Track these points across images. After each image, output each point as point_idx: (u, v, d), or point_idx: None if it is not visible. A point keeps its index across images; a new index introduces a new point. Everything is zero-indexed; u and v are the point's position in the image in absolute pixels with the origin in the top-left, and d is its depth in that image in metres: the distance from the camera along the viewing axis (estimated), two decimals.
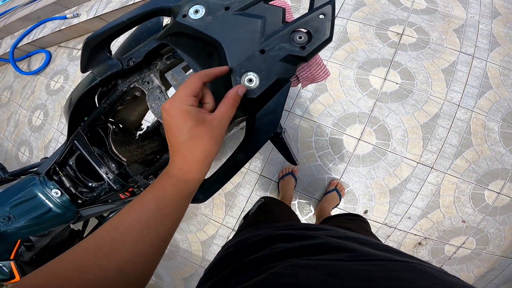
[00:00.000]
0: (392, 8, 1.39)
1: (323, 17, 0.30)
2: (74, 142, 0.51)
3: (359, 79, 1.24)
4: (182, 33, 0.34)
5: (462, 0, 1.49)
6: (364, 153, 1.18)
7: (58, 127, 1.81)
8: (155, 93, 0.43)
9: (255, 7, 0.31)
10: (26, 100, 2.06)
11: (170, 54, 0.44)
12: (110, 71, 0.41)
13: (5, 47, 2.23)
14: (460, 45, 1.34)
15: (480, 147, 1.18)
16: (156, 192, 0.26)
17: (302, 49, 0.30)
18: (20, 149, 1.93)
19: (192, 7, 0.32)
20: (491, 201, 1.16)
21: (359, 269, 0.25)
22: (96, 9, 1.84)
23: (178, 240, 1.42)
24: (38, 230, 0.58)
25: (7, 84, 2.26)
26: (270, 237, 0.37)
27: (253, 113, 0.32)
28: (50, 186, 0.53)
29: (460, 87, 1.23)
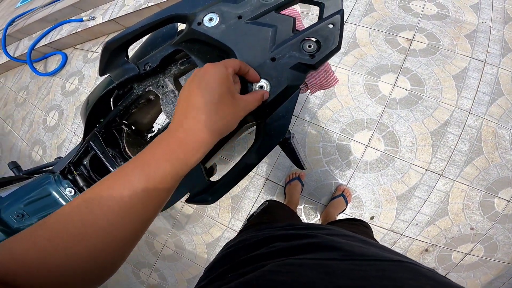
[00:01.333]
0: (402, 14, 1.38)
1: (332, 27, 0.30)
2: (89, 143, 0.52)
3: (368, 85, 1.24)
4: (197, 40, 0.35)
5: (474, 5, 1.47)
6: (372, 159, 1.18)
7: (71, 128, 1.86)
8: (169, 97, 0.45)
9: (266, 16, 0.32)
10: (41, 100, 2.12)
11: (184, 60, 0.45)
12: (127, 75, 0.42)
13: (22, 48, 2.30)
14: (472, 51, 1.32)
15: (491, 154, 1.17)
16: (147, 170, 0.22)
17: (311, 57, 0.31)
18: (34, 148, 1.99)
19: (206, 15, 0.33)
20: (500, 209, 1.15)
21: (354, 269, 0.25)
22: (111, 12, 1.89)
23: (184, 242, 1.44)
24: None
25: (23, 84, 2.34)
26: (270, 237, 0.37)
27: (263, 118, 0.33)
28: (64, 185, 0.55)
29: (471, 94, 1.22)
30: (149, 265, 1.52)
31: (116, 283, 1.60)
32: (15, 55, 2.28)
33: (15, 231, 0.54)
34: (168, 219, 1.46)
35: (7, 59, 2.31)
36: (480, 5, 1.51)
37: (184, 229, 1.43)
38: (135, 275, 1.55)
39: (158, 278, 1.50)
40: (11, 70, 2.56)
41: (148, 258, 1.52)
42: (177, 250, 1.45)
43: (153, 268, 1.50)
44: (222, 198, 1.55)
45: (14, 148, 2.12)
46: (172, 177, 0.23)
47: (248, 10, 0.32)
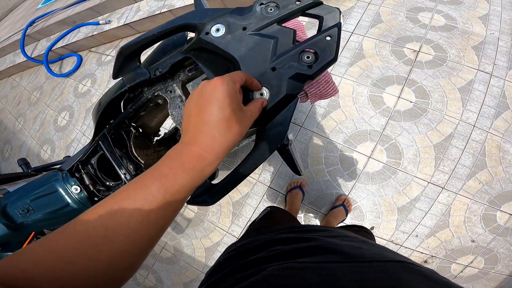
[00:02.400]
0: (409, 25, 1.38)
1: (330, 39, 0.32)
2: (99, 143, 0.55)
3: (372, 97, 1.25)
4: (204, 49, 0.37)
5: (482, 17, 1.46)
6: (374, 170, 1.19)
7: (81, 129, 1.91)
8: (176, 102, 0.47)
9: (269, 28, 0.34)
10: (54, 100, 2.18)
11: (192, 67, 0.47)
12: (138, 79, 0.45)
13: (40, 49, 2.37)
14: (479, 62, 1.32)
15: (494, 169, 1.17)
16: (165, 181, 0.23)
17: (309, 68, 0.32)
18: (43, 147, 2.04)
19: (214, 25, 0.36)
20: (503, 222, 1.14)
21: (356, 271, 0.25)
22: (126, 16, 1.94)
23: (183, 245, 1.45)
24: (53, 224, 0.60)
25: (38, 84, 2.40)
26: (270, 241, 0.38)
27: (262, 125, 0.35)
28: (71, 183, 0.57)
29: (476, 107, 1.22)
30: (146, 267, 1.53)
31: None
32: (33, 56, 2.36)
33: (19, 225, 0.55)
34: None
35: (24, 59, 2.39)
36: (488, 16, 1.50)
37: (184, 233, 1.45)
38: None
39: (154, 280, 1.51)
40: (27, 70, 2.64)
41: (146, 260, 1.51)
42: (175, 253, 1.46)
43: (151, 270, 1.52)
44: (223, 204, 1.57)
45: (24, 146, 2.18)
46: (188, 188, 0.25)
47: (252, 22, 0.34)
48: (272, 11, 0.34)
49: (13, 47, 2.62)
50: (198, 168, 0.25)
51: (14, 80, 2.70)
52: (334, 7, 0.34)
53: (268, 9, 0.34)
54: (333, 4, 1.57)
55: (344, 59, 1.37)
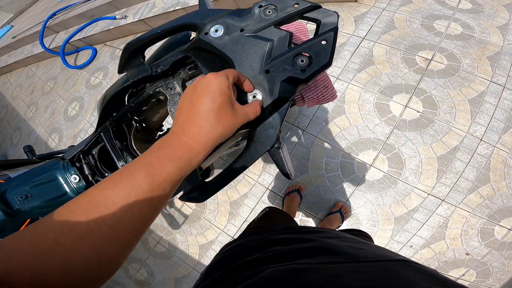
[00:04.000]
0: (424, 33, 1.34)
1: (325, 43, 0.32)
2: (100, 134, 0.56)
3: (378, 104, 1.23)
4: (203, 48, 0.38)
5: (502, 26, 1.40)
6: (374, 179, 1.19)
7: (89, 119, 1.97)
8: (175, 99, 0.48)
9: (266, 30, 0.34)
10: (66, 91, 2.24)
11: (192, 65, 0.48)
12: (141, 75, 0.46)
13: (58, 40, 2.44)
14: (492, 74, 1.28)
15: (498, 184, 1.15)
16: (152, 170, 0.23)
17: (302, 71, 0.32)
18: (51, 135, 2.11)
19: (213, 26, 0.36)
20: (500, 237, 1.13)
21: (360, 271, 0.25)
22: (142, 12, 1.97)
23: (178, 241, 1.46)
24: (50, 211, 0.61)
25: (52, 75, 2.47)
26: (267, 241, 0.38)
27: (254, 127, 0.35)
28: (71, 172, 0.57)
29: (485, 120, 1.19)
30: (139, 260, 1.54)
31: None
32: (50, 47, 2.43)
33: (16, 212, 0.54)
34: (166, 216, 1.51)
35: (42, 50, 2.46)
36: (508, 26, 1.44)
37: (180, 229, 1.47)
38: (123, 269, 1.57)
39: (146, 274, 1.52)
40: (43, 61, 2.71)
41: (140, 254, 1.54)
42: (169, 248, 1.47)
43: (143, 264, 1.53)
44: (221, 202, 1.60)
45: (33, 133, 2.26)
46: (175, 177, 0.24)
47: (250, 24, 0.35)
48: (270, 13, 0.34)
49: (32, 38, 2.69)
50: (186, 158, 0.24)
51: (31, 70, 2.77)
52: (332, 11, 0.33)
53: (266, 11, 0.35)
54: (348, 9, 1.53)
55: (352, 65, 1.35)
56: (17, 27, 3.17)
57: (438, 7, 1.52)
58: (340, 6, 1.57)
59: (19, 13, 3.63)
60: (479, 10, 1.50)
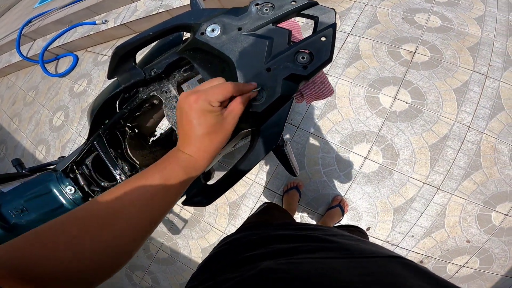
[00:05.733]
0: (406, 26, 1.39)
1: (325, 40, 0.32)
2: (93, 143, 0.54)
3: (368, 98, 1.25)
4: (199, 49, 0.37)
5: (478, 18, 1.47)
6: (370, 171, 1.20)
7: (76, 129, 1.90)
8: (171, 102, 0.47)
9: (264, 28, 0.34)
10: (49, 101, 2.16)
11: (187, 67, 0.46)
12: (133, 79, 0.45)
13: (36, 48, 2.35)
14: (474, 64, 1.33)
15: (489, 169, 1.18)
16: (165, 173, 0.27)
17: (304, 68, 0.32)
18: (38, 147, 2.03)
19: (209, 26, 0.35)
20: (497, 223, 1.15)
21: (355, 266, 0.25)
22: (123, 17, 1.93)
23: (180, 246, 1.45)
24: None
25: (33, 84, 2.38)
26: (266, 237, 0.38)
27: (257, 126, 0.34)
28: (65, 183, 0.56)
29: (471, 108, 1.22)
30: (142, 267, 1.52)
31: (108, 285, 1.63)
32: (28, 55, 2.34)
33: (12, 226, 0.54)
34: (165, 222, 1.48)
35: (20, 59, 2.37)
36: (484, 18, 1.51)
37: (180, 233, 1.45)
38: (128, 277, 1.55)
39: (151, 281, 1.51)
40: (22, 70, 2.61)
41: (143, 261, 1.53)
42: (172, 254, 1.46)
43: (147, 271, 1.51)
44: (219, 204, 1.56)
45: (19, 146, 2.16)
46: (184, 180, 0.28)
47: (247, 22, 0.34)
48: (267, 11, 0.34)
49: (9, 46, 2.59)
50: (191, 166, 0.29)
51: (10, 80, 2.67)
52: (329, 8, 0.33)
53: (263, 9, 0.34)
54: (331, 5, 1.57)
55: (340, 60, 1.37)
56: None
57: (417, 1, 1.58)
58: (324, 2, 1.60)
59: None
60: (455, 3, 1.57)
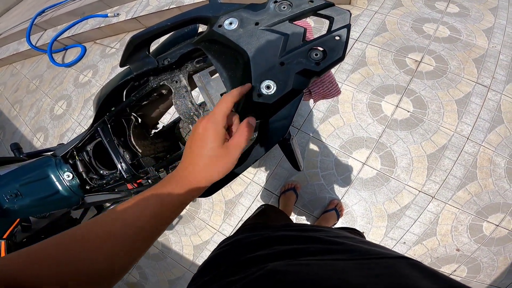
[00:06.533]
0: (413, 35, 1.39)
1: (339, 39, 0.33)
2: (97, 129, 0.54)
3: (371, 104, 1.27)
4: (215, 41, 0.38)
5: (487, 30, 1.47)
6: (368, 177, 1.22)
7: (77, 118, 1.91)
8: (181, 92, 0.48)
9: (280, 25, 0.35)
10: (53, 89, 2.17)
11: (200, 59, 0.47)
12: (146, 67, 0.45)
13: (45, 38, 2.36)
14: (478, 75, 1.33)
15: (484, 181, 1.20)
16: (162, 197, 0.28)
17: (317, 64, 0.33)
18: (36, 134, 2.04)
19: (227, 19, 0.36)
20: (488, 232, 1.17)
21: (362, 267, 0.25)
22: (135, 11, 1.94)
23: (171, 242, 1.43)
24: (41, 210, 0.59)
25: (38, 73, 2.38)
26: (268, 238, 0.38)
27: (266, 118, 0.35)
28: (63, 169, 0.55)
29: (471, 120, 1.24)
30: None
31: None
32: (37, 45, 2.35)
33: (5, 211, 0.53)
34: None
35: (28, 48, 2.37)
36: (493, 29, 1.51)
37: (173, 229, 1.44)
38: None
39: (139, 276, 1.49)
40: (29, 59, 2.61)
41: None
42: (163, 249, 1.44)
43: (135, 265, 1.49)
44: (215, 202, 1.58)
45: (17, 132, 2.17)
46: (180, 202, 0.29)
47: (265, 18, 0.35)
48: (285, 9, 0.35)
49: (19, 35, 2.60)
50: (189, 192, 0.29)
51: (15, 68, 2.67)
52: (345, 9, 0.34)
53: (281, 6, 0.35)
54: None
55: (346, 66, 1.38)
56: (3, 25, 3.07)
57: (428, 11, 1.58)
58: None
59: (5, 10, 3.53)
60: (466, 14, 1.56)
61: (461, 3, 1.65)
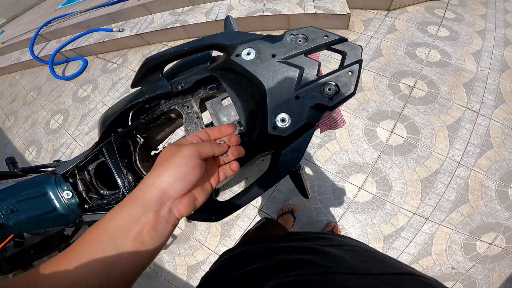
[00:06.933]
0: (407, 60, 1.44)
1: (351, 74, 0.34)
2: (102, 150, 0.54)
3: (367, 130, 1.31)
4: (231, 70, 0.38)
5: (475, 53, 1.53)
6: (364, 201, 1.25)
7: (73, 134, 1.88)
8: (193, 118, 0.48)
9: (296, 58, 0.36)
10: (50, 102, 2.15)
11: (213, 85, 0.48)
12: (159, 90, 0.45)
13: (48, 49, 2.35)
14: (467, 100, 1.39)
15: (476, 203, 1.24)
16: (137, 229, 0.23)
17: (330, 99, 0.34)
18: (29, 148, 2.00)
19: (245, 49, 0.37)
20: (482, 251, 1.19)
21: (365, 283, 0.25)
22: (140, 27, 1.96)
23: (165, 261, 1.41)
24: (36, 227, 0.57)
25: (37, 84, 2.36)
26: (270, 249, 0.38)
27: (279, 149, 0.36)
28: (63, 187, 0.54)
29: (462, 145, 1.29)
30: None
31: None
32: (40, 55, 2.34)
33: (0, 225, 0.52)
34: None
35: (29, 58, 2.36)
36: (481, 53, 1.58)
37: (167, 249, 1.43)
38: None
39: None
40: (29, 69, 2.60)
41: None
42: (155, 268, 1.41)
43: None
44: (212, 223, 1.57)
45: (9, 144, 2.13)
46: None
47: (281, 50, 0.36)
48: (301, 42, 0.36)
49: (22, 44, 2.59)
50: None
51: (14, 78, 2.65)
52: (357, 45, 0.35)
53: (297, 40, 0.36)
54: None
55: None
56: (8, 32, 3.05)
57: (420, 35, 1.64)
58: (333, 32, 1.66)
59: (13, 18, 3.50)
60: (456, 37, 1.63)
61: (451, 26, 1.72)
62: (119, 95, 1.91)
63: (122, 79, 1.99)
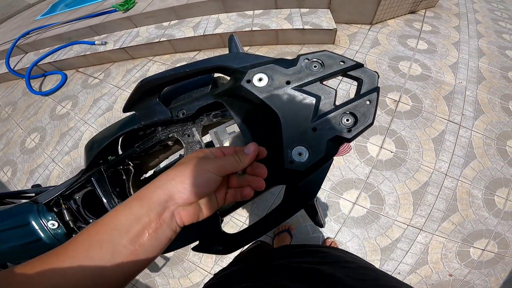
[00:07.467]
0: (391, 74, 1.50)
1: (369, 103, 0.32)
2: (91, 179, 0.50)
3: (358, 146, 1.34)
4: (239, 96, 0.35)
5: (452, 65, 1.62)
6: (359, 215, 1.27)
7: (51, 154, 1.76)
8: (194, 148, 0.44)
9: (312, 85, 0.33)
10: (26, 120, 2.01)
11: (218, 112, 0.43)
12: (157, 117, 0.41)
13: (25, 62, 2.21)
14: (449, 113, 1.46)
15: (465, 212, 1.28)
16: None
17: (348, 131, 0.32)
18: (3, 168, 1.86)
19: (256, 74, 0.34)
20: (476, 257, 1.22)
21: None
22: (124, 40, 1.89)
23: (158, 284, 1.35)
24: (18, 257, 0.55)
25: (12, 100, 2.21)
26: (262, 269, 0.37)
27: (295, 183, 0.34)
28: (47, 217, 0.52)
29: (447, 157, 1.34)
30: None
31: None
32: (16, 68, 2.19)
33: None
34: None
35: (5, 71, 2.21)
36: (457, 65, 1.67)
37: (160, 271, 1.36)
38: None
39: None
40: (4, 83, 2.43)
41: None
42: None
43: None
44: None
45: None
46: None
47: (296, 76, 0.34)
48: (316, 68, 0.34)
49: None
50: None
51: None
52: (373, 71, 0.34)
53: (312, 65, 0.34)
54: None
55: None
56: None
57: (401, 48, 1.72)
58: (319, 47, 1.71)
59: None
60: (434, 50, 1.72)
61: (429, 39, 1.82)
62: (101, 112, 1.81)
63: (104, 95, 1.89)
